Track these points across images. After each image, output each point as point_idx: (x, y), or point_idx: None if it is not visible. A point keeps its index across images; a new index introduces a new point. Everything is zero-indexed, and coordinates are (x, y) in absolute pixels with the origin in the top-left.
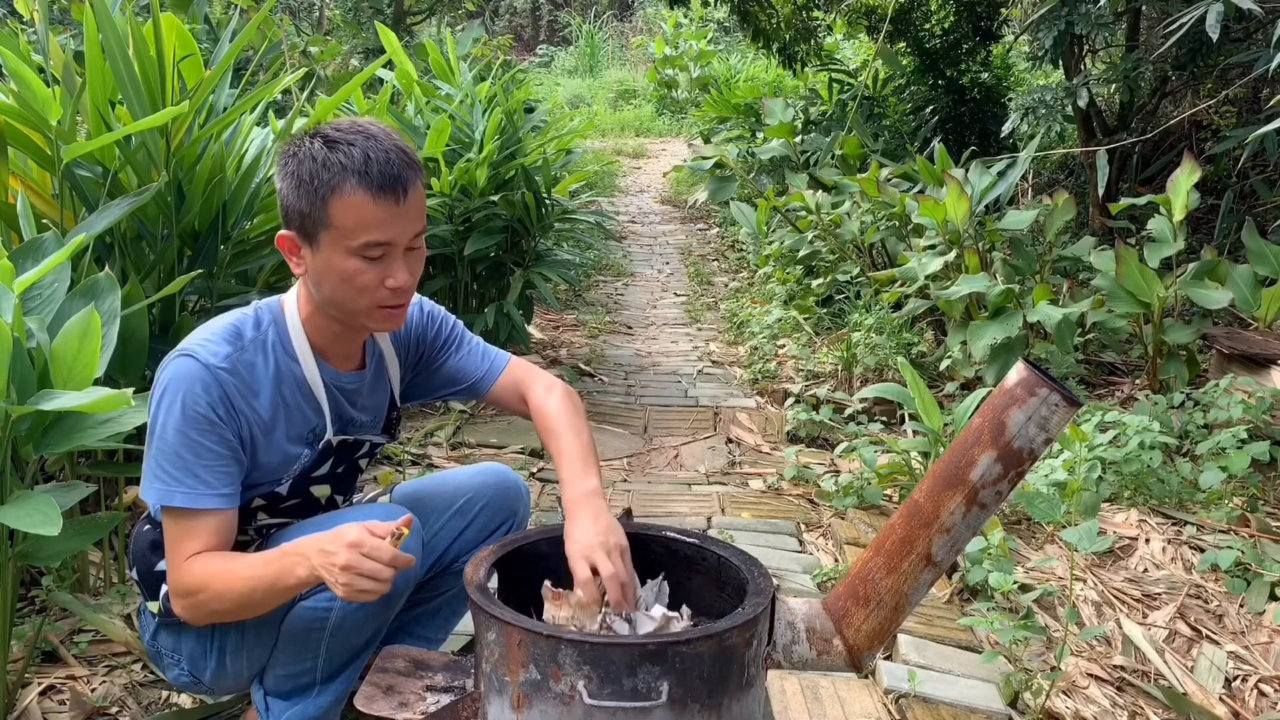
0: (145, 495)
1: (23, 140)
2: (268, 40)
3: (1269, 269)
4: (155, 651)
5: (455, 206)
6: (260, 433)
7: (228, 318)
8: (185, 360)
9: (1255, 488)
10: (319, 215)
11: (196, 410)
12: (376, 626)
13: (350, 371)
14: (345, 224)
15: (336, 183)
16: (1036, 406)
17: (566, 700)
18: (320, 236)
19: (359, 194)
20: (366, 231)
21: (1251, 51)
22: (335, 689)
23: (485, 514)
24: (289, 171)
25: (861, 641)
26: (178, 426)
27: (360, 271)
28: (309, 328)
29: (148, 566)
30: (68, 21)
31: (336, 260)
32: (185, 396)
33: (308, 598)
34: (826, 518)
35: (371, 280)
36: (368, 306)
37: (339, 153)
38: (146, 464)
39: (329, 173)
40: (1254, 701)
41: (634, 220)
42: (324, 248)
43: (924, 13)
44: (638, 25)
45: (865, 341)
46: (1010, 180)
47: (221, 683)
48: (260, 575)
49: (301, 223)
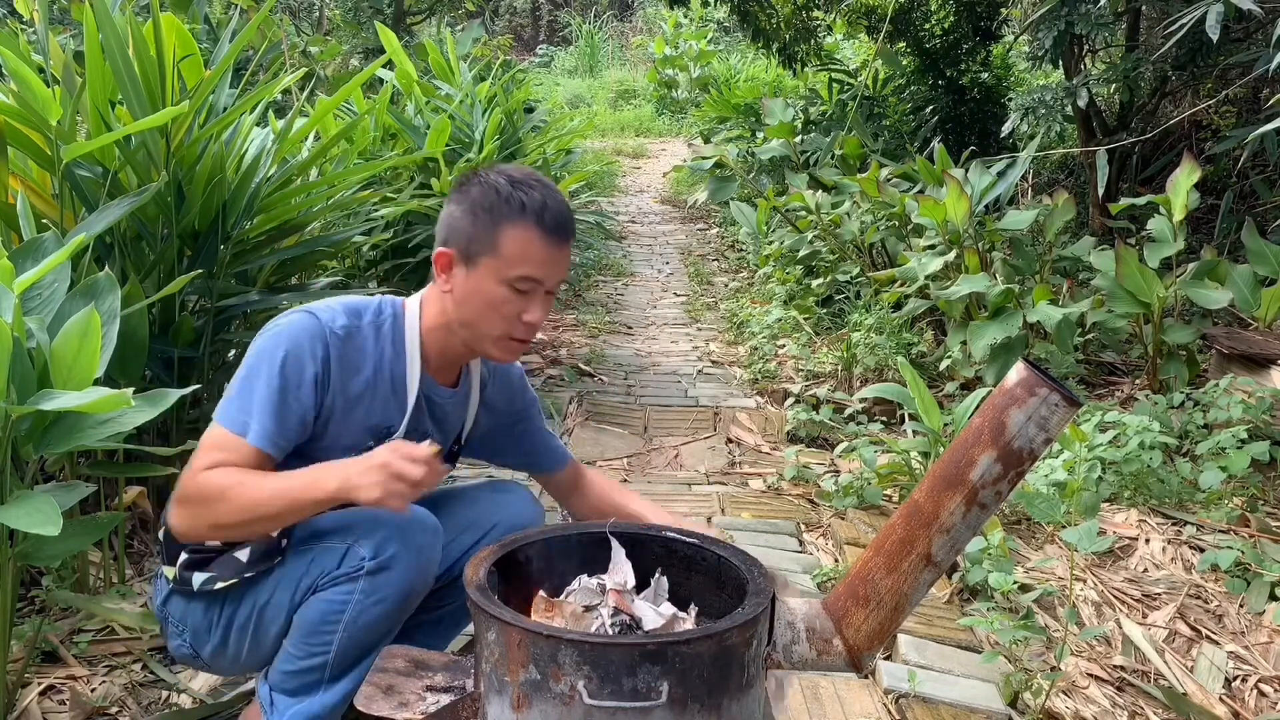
0: (219, 416)
1: (23, 140)
2: (268, 40)
3: (1269, 269)
4: (163, 618)
5: None
6: (341, 408)
7: (351, 297)
8: (307, 316)
9: (1255, 488)
10: (488, 241)
11: (300, 360)
12: (391, 625)
13: (445, 387)
14: (510, 254)
15: (514, 215)
16: (1036, 406)
17: (566, 700)
18: (481, 260)
19: (531, 231)
20: (526, 265)
21: (1251, 51)
22: (342, 688)
23: (500, 531)
24: (468, 196)
25: (861, 641)
26: (278, 367)
27: (507, 301)
28: (426, 338)
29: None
30: (68, 21)
31: (488, 286)
32: (295, 344)
33: (325, 589)
34: (826, 518)
35: (512, 311)
36: (500, 335)
37: (520, 191)
38: (231, 389)
39: (509, 207)
40: (1254, 701)
41: (634, 220)
42: (481, 272)
43: (924, 13)
44: (638, 25)
45: (865, 341)
46: (1010, 180)
47: (219, 662)
48: (288, 486)
49: (467, 245)
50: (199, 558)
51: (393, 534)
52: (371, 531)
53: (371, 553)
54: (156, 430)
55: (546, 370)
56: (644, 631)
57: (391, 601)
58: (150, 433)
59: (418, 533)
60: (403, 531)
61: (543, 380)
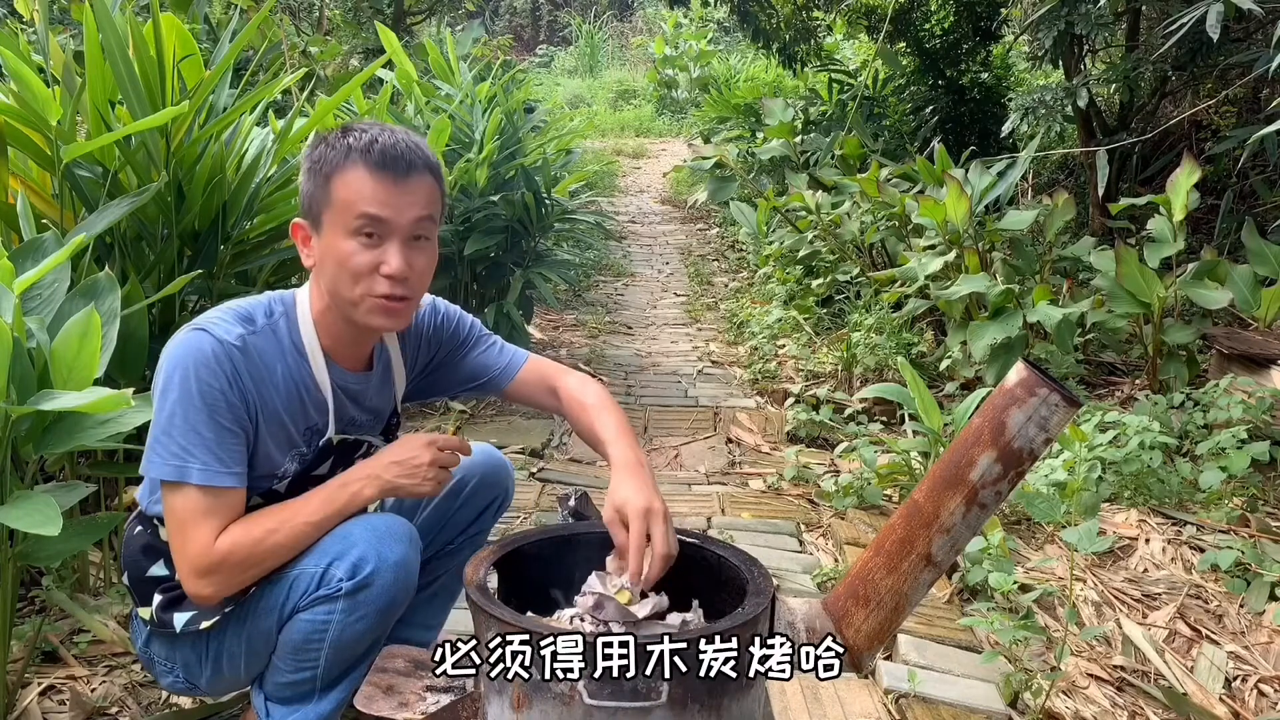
0: (153, 471)
1: (23, 140)
2: (268, 40)
3: (1269, 269)
4: (148, 659)
5: (455, 206)
6: (264, 419)
7: (238, 302)
8: (199, 335)
9: (1255, 488)
10: (322, 195)
11: (212, 385)
12: (376, 637)
13: (356, 372)
14: (344, 198)
15: (340, 160)
16: (1036, 406)
17: (566, 700)
18: (324, 218)
19: (358, 169)
20: (361, 204)
21: (1251, 51)
22: (336, 696)
23: (475, 493)
24: (307, 158)
25: (861, 641)
26: (192, 401)
27: (355, 253)
28: (319, 325)
29: (140, 572)
30: (68, 21)
31: (336, 242)
32: (200, 370)
33: (306, 610)
34: (826, 518)
35: (365, 264)
36: (362, 295)
37: (350, 136)
38: (154, 441)
39: (335, 152)
40: (1254, 701)
41: (634, 220)
42: (326, 230)
43: (924, 13)
44: (638, 25)
45: (865, 341)
46: (1010, 180)
47: (218, 688)
48: (324, 516)
49: (310, 206)
50: (175, 595)
51: (369, 553)
52: (346, 551)
53: (348, 573)
54: None
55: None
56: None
57: (373, 617)
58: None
59: (394, 547)
60: (379, 548)
61: None
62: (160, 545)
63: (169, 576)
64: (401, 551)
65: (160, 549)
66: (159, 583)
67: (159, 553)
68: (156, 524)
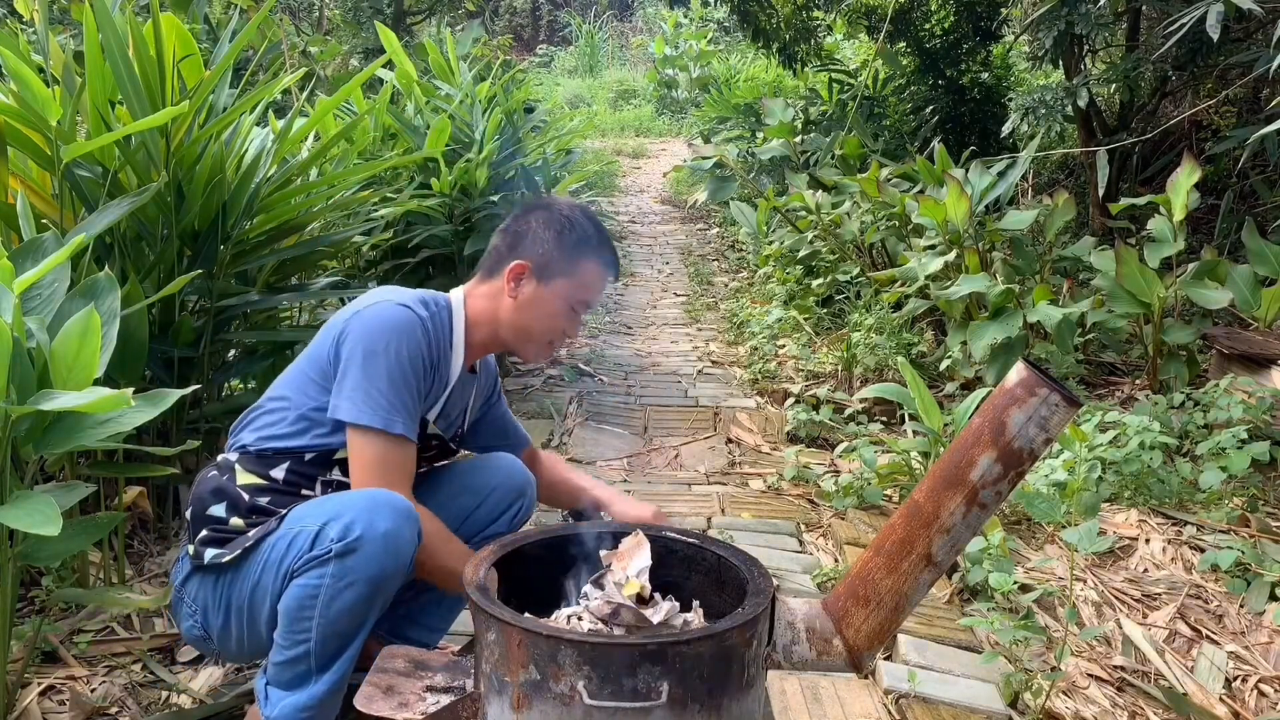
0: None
1: (23, 140)
2: (268, 40)
3: (1269, 269)
4: (178, 599)
5: (455, 206)
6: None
7: (406, 290)
8: (402, 309)
9: (1255, 488)
10: (567, 264)
11: (418, 353)
12: (366, 609)
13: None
14: (584, 281)
15: (593, 253)
16: (1036, 406)
17: (566, 700)
18: (556, 280)
19: (602, 270)
20: (590, 293)
21: (1251, 51)
22: (330, 678)
23: (497, 495)
24: (560, 226)
25: (861, 642)
26: (403, 365)
27: (563, 316)
28: (471, 331)
29: (202, 509)
30: (68, 21)
31: (555, 302)
32: (409, 339)
33: (300, 575)
34: (826, 518)
35: (562, 326)
36: (543, 343)
37: (600, 233)
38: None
39: (591, 244)
40: (1254, 701)
41: (634, 220)
42: (553, 288)
43: (924, 13)
44: (638, 25)
45: (865, 341)
46: (1010, 180)
47: (225, 644)
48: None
49: (546, 263)
50: (218, 535)
51: (359, 516)
52: (341, 514)
53: (339, 534)
54: (156, 430)
55: (546, 370)
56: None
57: (362, 585)
58: (150, 433)
59: (384, 515)
60: (371, 515)
61: (543, 380)
62: (231, 490)
63: (224, 519)
64: (392, 522)
65: (229, 493)
66: (212, 522)
67: (225, 495)
68: (236, 469)
